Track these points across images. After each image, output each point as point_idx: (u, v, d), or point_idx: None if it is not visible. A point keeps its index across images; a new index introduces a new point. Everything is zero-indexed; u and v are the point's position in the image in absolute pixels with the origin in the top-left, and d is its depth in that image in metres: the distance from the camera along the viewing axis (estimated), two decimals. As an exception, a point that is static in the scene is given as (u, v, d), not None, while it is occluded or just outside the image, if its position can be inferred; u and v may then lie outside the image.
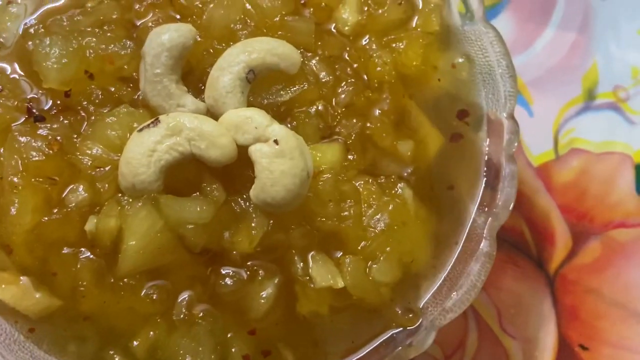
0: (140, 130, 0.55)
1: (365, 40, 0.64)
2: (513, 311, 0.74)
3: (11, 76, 0.60)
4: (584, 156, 0.79)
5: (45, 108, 0.60)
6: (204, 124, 0.55)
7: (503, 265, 0.75)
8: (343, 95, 0.61)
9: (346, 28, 0.64)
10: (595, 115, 0.81)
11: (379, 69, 0.62)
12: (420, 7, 0.65)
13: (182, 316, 0.56)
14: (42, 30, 0.61)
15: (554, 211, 0.77)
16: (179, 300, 0.56)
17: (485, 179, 0.61)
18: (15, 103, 0.59)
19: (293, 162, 0.54)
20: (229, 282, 0.57)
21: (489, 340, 0.73)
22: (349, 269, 0.56)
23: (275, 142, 0.54)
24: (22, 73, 0.61)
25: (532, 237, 0.76)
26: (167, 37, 0.57)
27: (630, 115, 0.81)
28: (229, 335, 0.56)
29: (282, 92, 0.60)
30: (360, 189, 0.59)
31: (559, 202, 0.77)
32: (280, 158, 0.54)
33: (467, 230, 0.60)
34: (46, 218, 0.55)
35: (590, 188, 0.78)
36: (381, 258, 0.57)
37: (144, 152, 0.55)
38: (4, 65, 0.61)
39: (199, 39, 0.60)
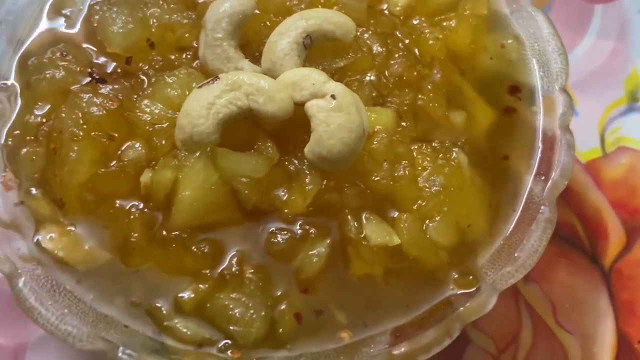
0: (200, 86, 0.56)
1: (416, 20, 0.66)
2: (568, 306, 0.70)
3: (74, 43, 0.63)
4: (631, 154, 0.78)
5: (106, 72, 0.62)
6: (262, 80, 0.56)
7: (556, 259, 0.72)
8: (396, 67, 0.62)
9: (397, 9, 0.66)
10: (639, 116, 0.81)
11: (431, 42, 0.63)
12: (469, -9, 0.68)
13: (232, 270, 0.54)
14: (106, 6, 0.64)
15: (605, 206, 0.75)
16: (230, 255, 0.55)
17: (540, 149, 0.61)
18: (78, 68, 0.61)
19: (349, 117, 0.55)
20: (280, 240, 0.55)
21: (544, 335, 0.69)
22: (405, 225, 0.54)
23: (332, 97, 0.55)
24: (85, 42, 0.63)
25: (585, 232, 0.74)
26: (229, 4, 0.60)
27: (674, 116, 0.80)
28: (279, 293, 0.54)
29: (337, 59, 0.61)
30: (415, 152, 0.58)
31: (609, 198, 0.76)
32: (337, 112, 0.55)
33: (524, 199, 0.59)
34: (102, 170, 0.56)
35: (640, 185, 0.76)
36: (437, 218, 0.55)
37: (204, 104, 0.55)
38: (69, 35, 0.64)
39: (257, 12, 0.62)
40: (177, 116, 0.57)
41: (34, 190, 0.57)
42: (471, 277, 0.55)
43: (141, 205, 0.55)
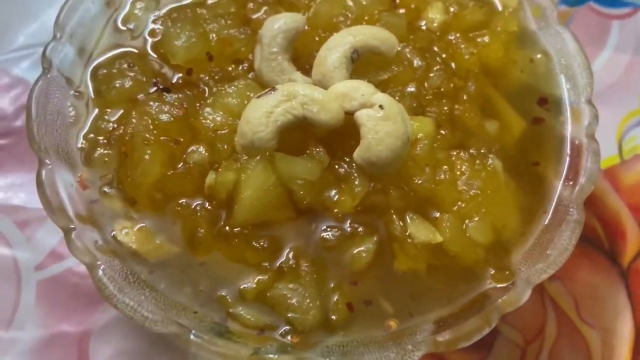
0: (259, 96, 0.62)
1: (451, 36, 0.71)
2: (589, 302, 0.75)
3: (140, 55, 0.69)
4: (648, 161, 0.83)
5: (170, 82, 0.67)
6: (315, 91, 0.62)
7: (578, 259, 0.77)
8: (434, 79, 0.68)
9: (434, 25, 0.72)
10: (656, 126, 0.86)
11: (466, 57, 0.68)
12: (500, 10, 0.73)
13: (290, 263, 0.60)
14: (169, 21, 0.70)
15: (623, 210, 0.80)
16: (287, 250, 0.60)
17: (568, 157, 0.66)
18: (144, 78, 0.67)
19: (396, 126, 0.60)
20: (331, 237, 0.61)
21: (568, 328, 0.74)
22: (447, 224, 0.60)
23: (380, 107, 0.60)
24: (150, 54, 0.69)
25: (605, 234, 0.79)
26: (283, 21, 0.65)
27: (687, 126, 0.86)
28: (332, 285, 0.59)
29: (381, 72, 0.67)
30: (454, 158, 0.64)
31: (627, 202, 0.81)
32: (385, 121, 0.60)
33: (554, 202, 0.64)
34: (170, 172, 0.61)
35: (656, 190, 0.82)
36: (476, 218, 0.61)
37: (263, 113, 0.61)
38: (134, 47, 0.69)
39: (307, 28, 0.68)
40: (237, 123, 0.62)
41: (107, 189, 0.62)
42: (507, 272, 0.60)
43: (206, 204, 0.61)
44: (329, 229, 0.61)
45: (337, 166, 0.62)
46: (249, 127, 0.61)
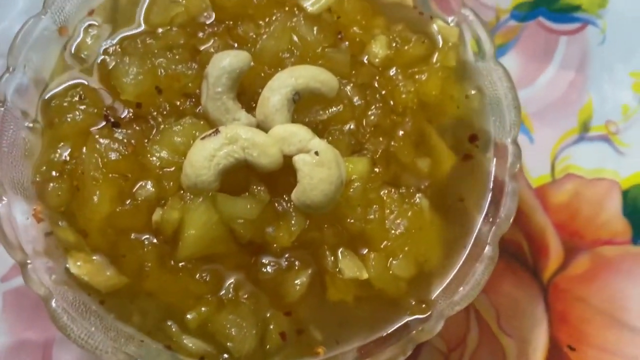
0: (203, 138, 0.66)
1: (392, 71, 0.74)
2: (510, 313, 0.83)
3: (92, 88, 0.71)
4: (577, 181, 0.89)
5: (120, 116, 0.70)
6: (256, 136, 0.66)
7: (503, 272, 0.85)
8: (372, 117, 0.72)
9: (376, 60, 0.75)
10: (589, 146, 0.91)
11: (403, 96, 0.72)
12: (440, 45, 0.77)
13: (229, 296, 0.66)
14: (119, 50, 0.72)
15: (549, 228, 0.87)
16: (227, 283, 0.66)
17: (490, 193, 0.72)
18: (95, 110, 0.70)
19: (330, 171, 0.65)
20: (269, 270, 0.67)
21: (488, 337, 0.82)
22: (373, 263, 0.66)
23: (316, 153, 0.65)
24: (100, 85, 0.72)
25: (530, 250, 0.86)
26: (227, 61, 0.68)
27: (619, 147, 0.91)
28: (268, 315, 0.66)
29: (321, 111, 0.70)
30: (384, 197, 0.69)
31: (553, 220, 0.87)
32: (320, 167, 0.65)
33: (474, 237, 0.70)
34: (119, 208, 0.66)
35: (581, 209, 0.88)
36: (400, 256, 0.67)
37: (206, 156, 0.65)
38: (86, 78, 0.72)
39: (252, 64, 0.71)
40: (182, 161, 0.66)
41: (61, 222, 0.67)
42: (424, 305, 0.67)
43: (153, 239, 0.66)
44: (267, 263, 0.67)
45: (276, 204, 0.67)
46: (193, 170, 0.65)
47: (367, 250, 0.67)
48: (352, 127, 0.71)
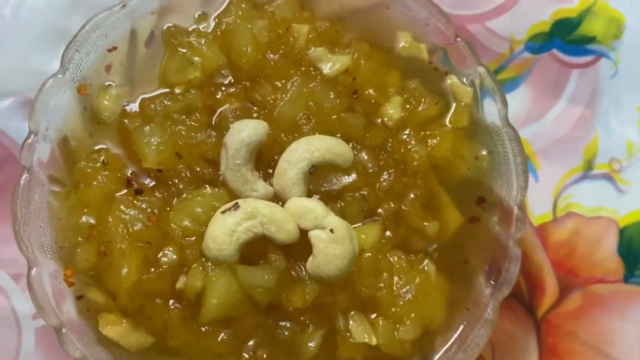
0: (223, 212, 0.69)
1: (405, 134, 0.76)
2: (504, 347, 0.90)
3: (113, 151, 0.73)
4: (577, 219, 0.93)
5: (142, 180, 0.73)
6: (274, 211, 0.69)
7: (501, 310, 0.90)
8: (385, 183, 0.74)
9: (390, 123, 0.76)
10: (591, 184, 0.93)
11: (415, 163, 0.74)
12: (454, 105, 0.78)
13: (248, 356, 0.72)
14: (138, 110, 0.74)
15: (546, 266, 0.91)
16: (247, 343, 0.72)
17: (493, 259, 0.76)
18: (118, 175, 0.73)
19: (344, 247, 0.69)
20: (285, 332, 0.72)
21: (483, 369, 0.90)
22: (382, 330, 0.71)
23: (331, 230, 0.68)
24: (121, 149, 0.74)
25: (526, 287, 0.91)
26: (246, 134, 0.70)
27: (621, 185, 0.94)
28: (284, 373, 0.72)
29: (335, 180, 0.73)
30: (394, 263, 0.73)
31: (551, 258, 0.92)
32: (334, 244, 0.68)
33: (476, 300, 0.75)
34: (145, 276, 0.70)
35: (579, 247, 0.92)
36: (407, 322, 0.72)
37: (226, 231, 0.68)
38: (107, 141, 0.74)
39: (269, 131, 0.72)
40: (203, 230, 0.70)
41: (90, 286, 0.71)
42: (426, 363, 0.73)
43: (177, 303, 0.71)
44: (283, 324, 0.72)
45: (292, 270, 0.71)
46: (214, 245, 0.68)
47: (375, 315, 0.72)
48: (364, 192, 0.74)
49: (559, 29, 0.95)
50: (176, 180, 0.72)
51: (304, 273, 0.71)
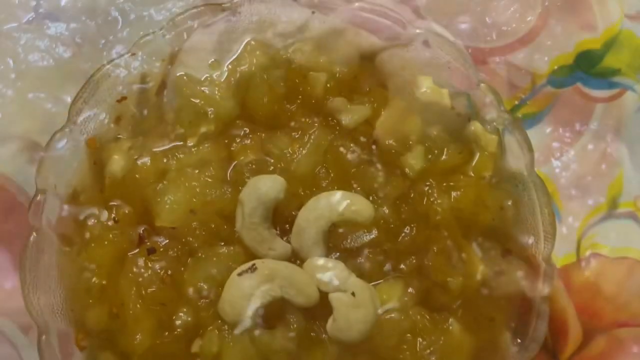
0: (240, 274, 0.66)
1: (427, 184, 0.73)
2: (527, 393, 0.87)
3: (125, 208, 0.71)
4: (601, 260, 0.90)
5: (155, 239, 0.70)
6: (294, 274, 0.66)
7: (523, 354, 0.88)
8: (407, 238, 0.71)
9: (411, 174, 0.73)
10: (616, 223, 0.91)
11: (438, 217, 0.71)
12: (477, 155, 0.75)
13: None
14: (150, 164, 0.71)
15: (570, 310, 0.89)
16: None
17: (520, 314, 0.73)
18: (130, 233, 0.70)
19: (366, 311, 0.66)
20: (305, 394, 0.70)
21: (505, 417, 0.87)
22: (405, 395, 0.69)
23: (353, 294, 0.66)
24: (133, 207, 0.71)
25: (550, 333, 0.89)
26: (263, 191, 0.67)
27: (647, 224, 0.91)
28: None
29: (356, 236, 0.70)
30: (417, 322, 0.70)
31: (575, 301, 0.89)
32: (356, 308, 0.66)
33: (503, 357, 0.72)
34: (159, 341, 0.67)
35: (603, 289, 0.89)
36: (432, 384, 0.70)
37: (243, 295, 0.66)
38: (119, 198, 0.71)
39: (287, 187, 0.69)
40: (219, 291, 0.67)
41: (103, 349, 0.69)
42: None
43: (194, 367, 0.69)
44: (302, 386, 0.70)
45: (311, 331, 0.69)
46: (231, 309, 0.66)
47: (399, 377, 0.70)
48: (386, 248, 0.71)
49: (583, 61, 0.92)
50: (190, 238, 0.69)
51: (323, 335, 0.68)
